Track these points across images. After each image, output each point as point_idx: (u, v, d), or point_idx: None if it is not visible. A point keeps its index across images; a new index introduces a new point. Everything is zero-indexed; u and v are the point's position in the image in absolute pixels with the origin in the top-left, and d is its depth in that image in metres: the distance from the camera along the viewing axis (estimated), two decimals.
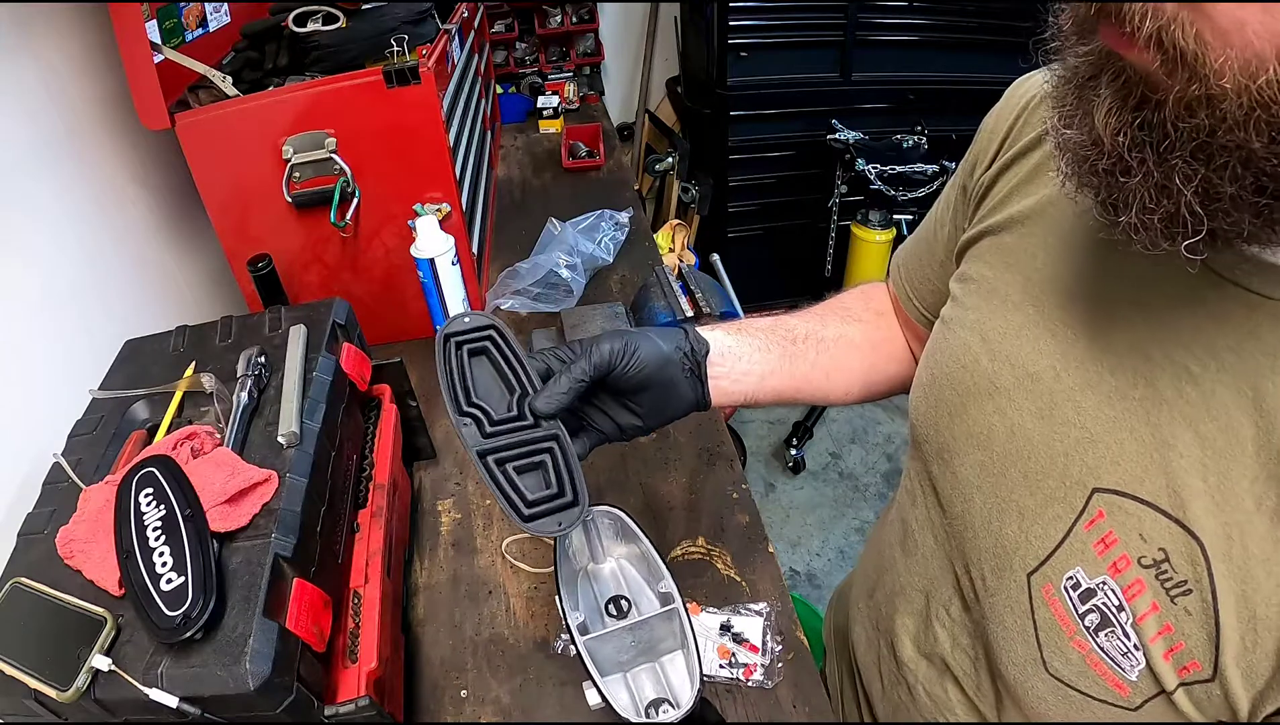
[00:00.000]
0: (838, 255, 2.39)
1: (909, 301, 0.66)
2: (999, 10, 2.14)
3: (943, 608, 0.56)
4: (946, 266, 0.61)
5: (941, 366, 0.54)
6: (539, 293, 1.17)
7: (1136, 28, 0.27)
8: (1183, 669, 0.39)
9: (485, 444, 0.50)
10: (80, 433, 0.64)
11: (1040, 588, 0.45)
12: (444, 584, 0.78)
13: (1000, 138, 0.54)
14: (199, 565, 0.48)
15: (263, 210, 0.95)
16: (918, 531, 0.59)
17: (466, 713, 0.66)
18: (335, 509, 0.62)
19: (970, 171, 0.58)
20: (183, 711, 0.44)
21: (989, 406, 0.49)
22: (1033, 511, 0.46)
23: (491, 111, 1.69)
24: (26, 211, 0.77)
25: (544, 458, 0.50)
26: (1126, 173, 0.31)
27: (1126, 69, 0.30)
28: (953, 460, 0.52)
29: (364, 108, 0.90)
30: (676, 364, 0.56)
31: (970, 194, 0.57)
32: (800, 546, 2.01)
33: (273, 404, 0.62)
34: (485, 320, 0.55)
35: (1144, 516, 0.39)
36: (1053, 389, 0.45)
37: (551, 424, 0.51)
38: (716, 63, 2.17)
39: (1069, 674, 0.45)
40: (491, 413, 0.51)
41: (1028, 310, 0.48)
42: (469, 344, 0.54)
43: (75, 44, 0.87)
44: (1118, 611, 0.41)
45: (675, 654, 0.55)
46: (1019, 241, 0.50)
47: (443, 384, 0.52)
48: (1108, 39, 0.30)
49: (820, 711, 0.64)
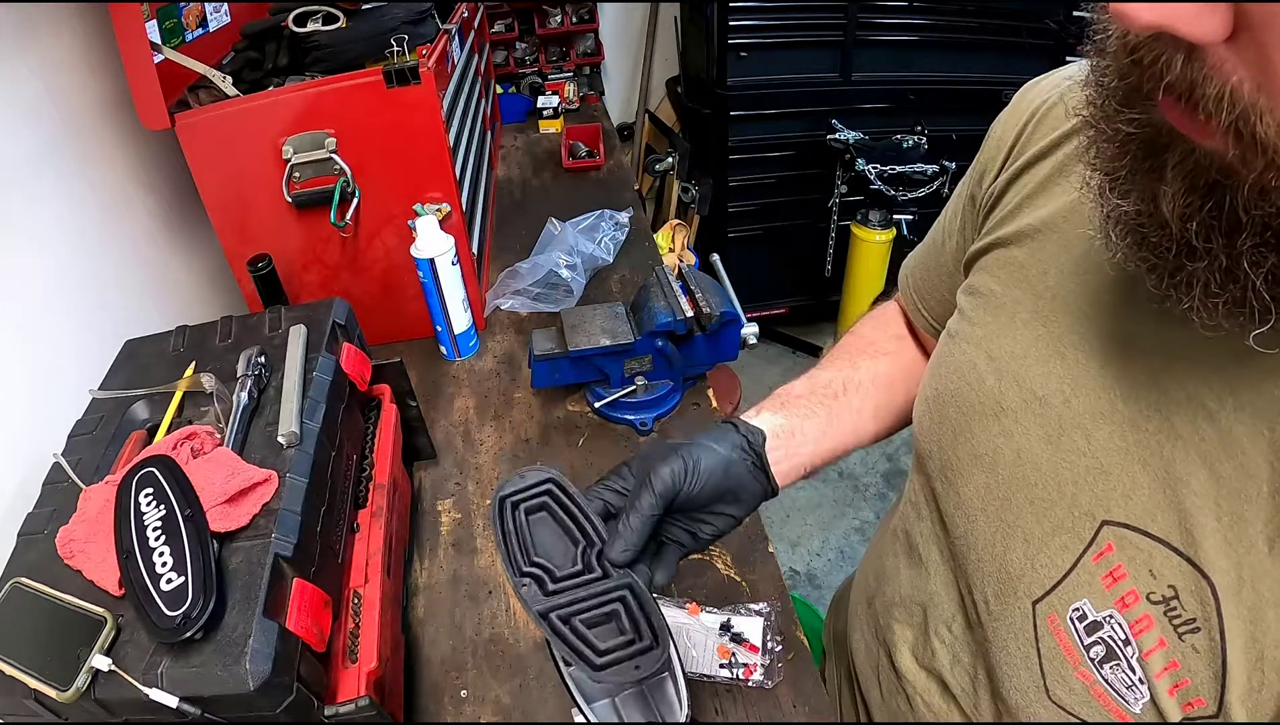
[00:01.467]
0: (838, 255, 2.39)
1: (918, 313, 0.66)
2: (999, 10, 2.15)
3: (944, 625, 0.55)
4: (955, 278, 0.60)
5: (945, 383, 0.52)
6: (539, 293, 1.17)
7: (1211, 115, 0.25)
8: (1187, 705, 0.38)
9: (548, 602, 0.47)
10: (80, 433, 0.64)
11: (1045, 617, 0.44)
12: (444, 584, 0.78)
13: (1009, 145, 0.53)
14: (199, 565, 0.47)
15: (263, 210, 0.95)
16: (921, 546, 0.58)
17: (466, 713, 0.66)
18: (335, 509, 0.62)
19: (979, 180, 0.57)
20: (183, 711, 0.44)
21: (994, 428, 0.48)
22: (1039, 539, 0.45)
23: (491, 111, 1.69)
24: (26, 211, 0.77)
25: (616, 606, 0.47)
26: (1191, 256, 0.30)
27: (1196, 152, 0.28)
28: (956, 480, 0.51)
29: (364, 108, 0.90)
30: (739, 463, 0.55)
31: (980, 204, 0.56)
32: (800, 546, 2.01)
33: (273, 404, 0.62)
34: (542, 474, 0.52)
35: (1154, 553, 0.39)
36: (1061, 414, 0.44)
37: (623, 572, 0.49)
38: (716, 63, 2.17)
39: (1072, 702, 0.44)
40: (554, 569, 0.48)
41: (1037, 329, 0.46)
42: (526, 502, 0.52)
43: (75, 44, 0.87)
44: (1124, 645, 0.40)
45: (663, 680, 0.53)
46: (1030, 256, 0.48)
47: (500, 548, 0.49)
48: (1178, 121, 0.28)
49: (820, 711, 0.64)
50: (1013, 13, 2.13)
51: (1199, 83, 0.25)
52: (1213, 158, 0.27)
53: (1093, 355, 0.43)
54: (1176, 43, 0.25)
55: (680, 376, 0.96)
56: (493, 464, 0.91)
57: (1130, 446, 0.40)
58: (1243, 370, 0.36)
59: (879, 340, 0.69)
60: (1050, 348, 0.45)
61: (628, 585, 0.48)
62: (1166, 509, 0.39)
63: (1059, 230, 0.47)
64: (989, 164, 0.55)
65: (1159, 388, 0.40)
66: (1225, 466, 0.37)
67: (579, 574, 0.49)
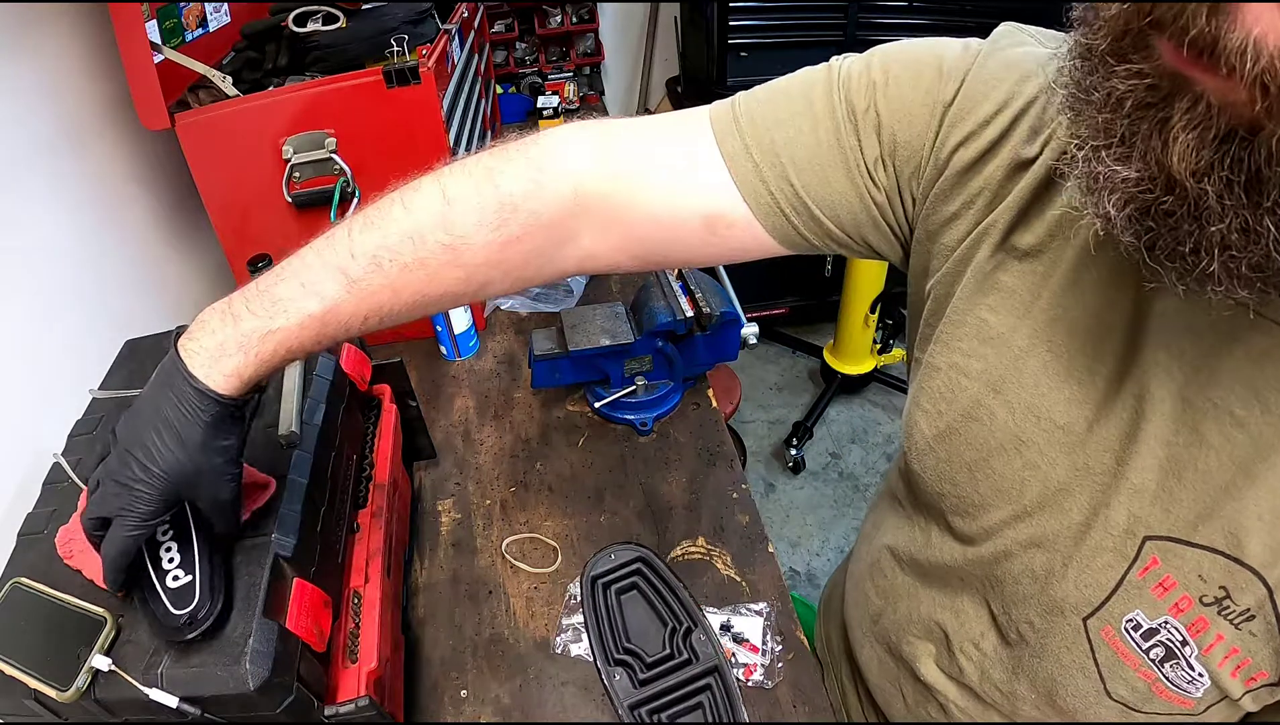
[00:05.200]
0: (837, 255, 2.39)
1: (815, 223, 0.49)
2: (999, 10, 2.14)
3: (970, 643, 0.54)
4: (865, 198, 0.48)
5: (947, 421, 0.49)
6: (539, 293, 1.17)
7: (1235, 68, 0.24)
8: (1250, 680, 0.40)
9: (640, 694, 0.47)
10: (80, 433, 0.64)
11: (1098, 630, 0.45)
12: (444, 584, 0.78)
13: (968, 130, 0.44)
14: (207, 565, 0.47)
15: (263, 210, 0.95)
16: (936, 572, 0.56)
17: (466, 713, 0.66)
18: (335, 509, 0.62)
19: (897, 116, 0.46)
20: (183, 711, 0.44)
21: (1017, 462, 0.46)
22: (1080, 562, 0.44)
23: (491, 111, 1.69)
24: (26, 211, 0.77)
25: (703, 698, 0.47)
26: (1207, 218, 0.27)
27: (1205, 96, 0.26)
28: (979, 514, 0.50)
29: (364, 108, 0.90)
30: None
31: (894, 145, 0.46)
32: (800, 546, 2.01)
33: (273, 404, 0.62)
34: (632, 553, 0.52)
35: (1201, 559, 0.39)
36: (1085, 440, 0.43)
37: (709, 654, 0.48)
38: (716, 63, 2.17)
39: (1135, 700, 0.45)
40: (644, 655, 0.48)
41: (1042, 355, 0.44)
42: (618, 583, 0.51)
43: (75, 44, 0.87)
44: (1182, 646, 0.41)
45: None
46: (1018, 281, 0.45)
47: (591, 632, 0.49)
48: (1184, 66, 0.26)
49: (820, 711, 0.64)
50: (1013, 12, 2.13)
51: (1221, 35, 0.24)
52: (1230, 108, 0.25)
53: (1110, 377, 0.42)
54: None
55: (680, 376, 0.96)
56: (493, 464, 0.91)
57: (1162, 462, 0.40)
58: (1262, 372, 0.36)
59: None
60: (1061, 375, 0.44)
61: (715, 669, 0.48)
62: (1207, 517, 0.39)
63: (1047, 250, 0.44)
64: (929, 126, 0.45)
65: (1182, 401, 0.39)
66: (1260, 467, 0.37)
67: (668, 659, 0.48)
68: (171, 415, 0.44)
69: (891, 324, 2.32)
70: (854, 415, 2.39)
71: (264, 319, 0.45)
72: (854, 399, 2.44)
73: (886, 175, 0.47)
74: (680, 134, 0.51)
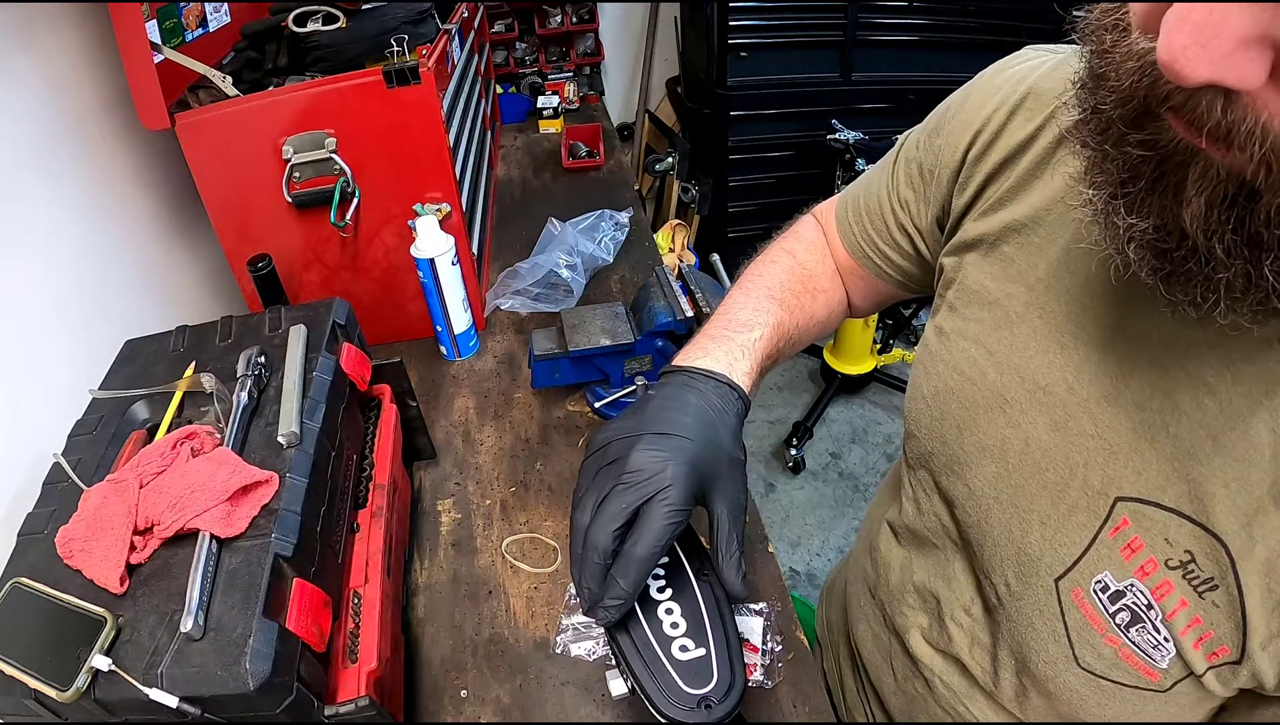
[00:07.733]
0: None
1: (867, 257, 0.67)
2: (999, 10, 2.14)
3: (961, 609, 0.56)
4: (898, 242, 0.64)
5: (944, 380, 0.54)
6: (539, 293, 1.17)
7: (1244, 147, 0.26)
8: (1212, 654, 0.41)
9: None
10: (80, 433, 0.64)
11: (1069, 592, 0.46)
12: (444, 584, 0.78)
13: (980, 132, 0.53)
14: (723, 636, 0.44)
15: (263, 210, 0.95)
16: (930, 537, 0.59)
17: (466, 713, 0.66)
18: (335, 509, 0.62)
19: (934, 153, 0.58)
20: (183, 711, 0.44)
21: (1000, 420, 0.49)
22: (1055, 521, 0.46)
23: (491, 111, 1.69)
24: (26, 211, 0.77)
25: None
26: (1215, 266, 0.30)
27: (1215, 165, 0.28)
28: (964, 472, 0.52)
29: (364, 108, 0.90)
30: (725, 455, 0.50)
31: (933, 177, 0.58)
32: (800, 546, 2.01)
33: (273, 404, 0.62)
34: None
35: (1169, 522, 0.41)
36: (1066, 401, 0.46)
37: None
38: (716, 63, 2.17)
39: (1101, 667, 0.46)
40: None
41: (1033, 321, 0.48)
42: None
43: (75, 44, 0.87)
44: (1147, 609, 0.42)
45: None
46: (1018, 251, 0.50)
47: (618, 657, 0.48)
48: (1197, 142, 0.28)
49: (820, 711, 0.64)
50: (1013, 12, 2.13)
51: (1236, 123, 0.26)
52: (1235, 176, 0.28)
53: (1092, 343, 0.45)
54: (1217, 90, 0.25)
55: None
56: (493, 464, 0.91)
57: (1136, 426, 0.42)
58: (1237, 344, 0.38)
59: (819, 275, 0.70)
60: (1049, 338, 0.47)
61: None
62: (1176, 481, 0.41)
63: (1044, 223, 0.48)
64: (951, 144, 0.56)
65: (1159, 368, 0.41)
66: (1229, 436, 0.38)
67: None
68: (697, 402, 0.49)
69: (891, 324, 2.33)
70: (854, 415, 2.39)
71: (745, 333, 0.58)
72: (854, 399, 2.44)
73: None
74: None
